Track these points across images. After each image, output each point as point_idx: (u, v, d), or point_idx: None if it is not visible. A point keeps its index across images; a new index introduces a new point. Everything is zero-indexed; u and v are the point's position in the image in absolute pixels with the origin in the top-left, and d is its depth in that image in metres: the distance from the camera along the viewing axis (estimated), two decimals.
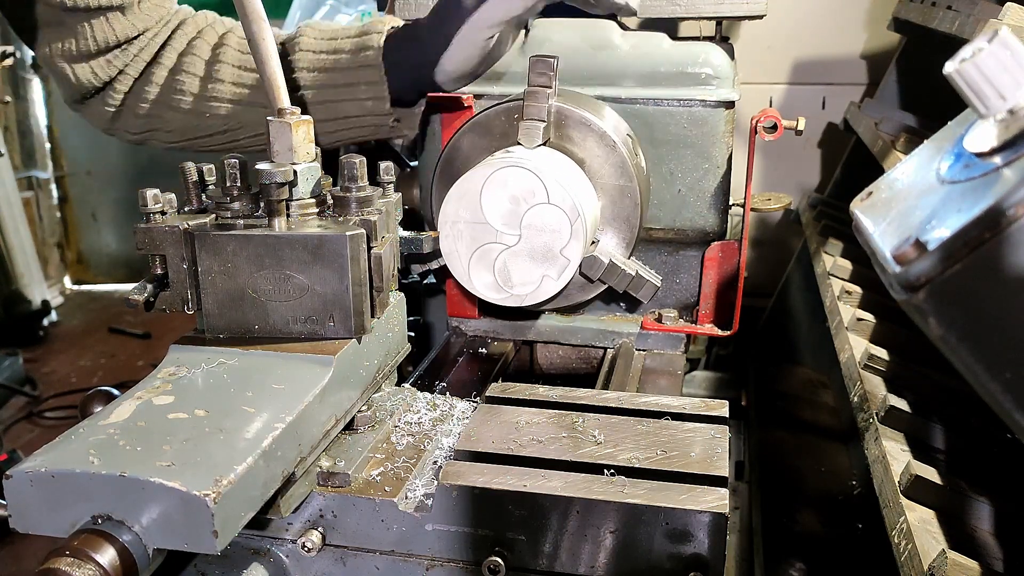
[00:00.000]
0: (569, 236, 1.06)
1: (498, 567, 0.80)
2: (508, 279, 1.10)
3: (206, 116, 1.30)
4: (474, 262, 1.10)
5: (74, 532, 0.64)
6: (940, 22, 1.45)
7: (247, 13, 0.96)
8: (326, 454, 0.86)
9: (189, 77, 1.29)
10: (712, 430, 0.90)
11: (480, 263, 1.10)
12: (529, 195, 1.06)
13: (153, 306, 0.88)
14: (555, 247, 1.07)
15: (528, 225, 1.07)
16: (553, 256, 1.08)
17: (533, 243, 1.08)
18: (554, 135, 1.17)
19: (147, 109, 1.31)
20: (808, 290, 1.85)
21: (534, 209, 1.06)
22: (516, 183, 1.05)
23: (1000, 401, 0.51)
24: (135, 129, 1.35)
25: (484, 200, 1.07)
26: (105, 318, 4.70)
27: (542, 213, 1.06)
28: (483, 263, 1.10)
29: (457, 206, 1.08)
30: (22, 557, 2.65)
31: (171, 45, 1.31)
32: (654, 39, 1.25)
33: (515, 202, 1.06)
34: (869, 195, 0.65)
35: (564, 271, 1.08)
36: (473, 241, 1.09)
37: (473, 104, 1.26)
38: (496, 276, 1.10)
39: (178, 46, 1.31)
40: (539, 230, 1.07)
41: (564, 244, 1.07)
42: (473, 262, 1.10)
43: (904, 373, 1.17)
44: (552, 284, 1.09)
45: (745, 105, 1.33)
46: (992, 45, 0.50)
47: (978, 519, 0.90)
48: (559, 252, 1.07)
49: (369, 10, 2.97)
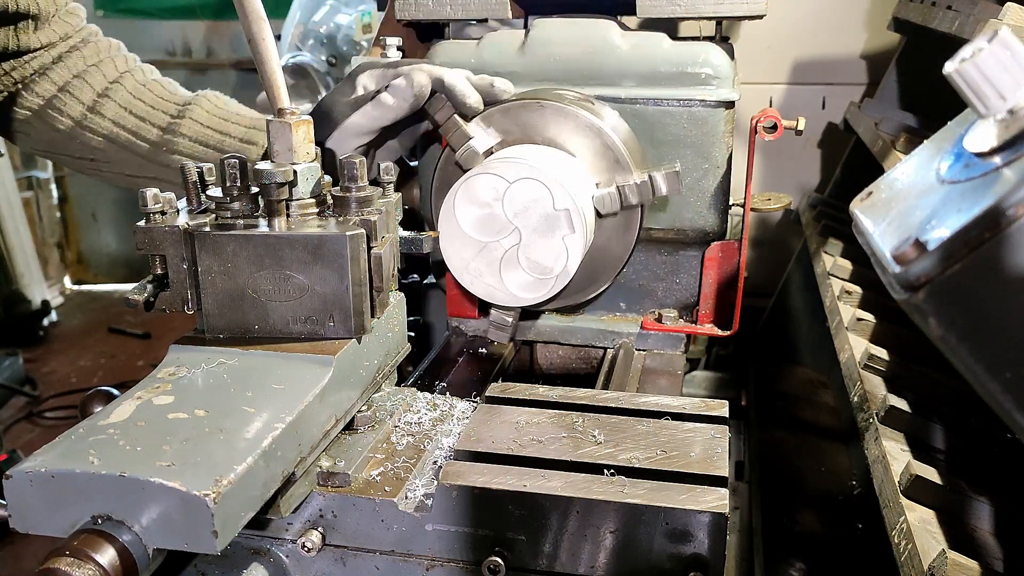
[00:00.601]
0: (562, 195, 1.07)
1: (498, 567, 0.80)
2: (538, 265, 1.10)
3: (76, 141, 1.32)
4: (505, 270, 1.10)
5: (74, 532, 0.64)
6: (940, 22, 1.45)
7: (247, 13, 0.95)
8: (326, 454, 0.86)
9: (73, 101, 1.30)
10: (712, 430, 0.90)
11: (508, 268, 1.10)
12: (499, 187, 1.07)
13: (153, 306, 0.88)
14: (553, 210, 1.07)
15: (519, 212, 1.07)
16: (556, 219, 1.07)
17: (534, 224, 1.08)
18: (553, 133, 1.17)
19: (23, 115, 1.32)
20: (808, 290, 1.85)
21: (516, 193, 1.07)
22: (481, 188, 1.07)
23: (1000, 401, 0.51)
24: (2, 129, 1.36)
25: (466, 222, 1.09)
26: (105, 318, 4.71)
27: (525, 192, 1.06)
28: (510, 266, 1.10)
29: (461, 248, 1.10)
30: (22, 557, 2.65)
31: (64, 63, 1.31)
32: (654, 39, 1.25)
33: (490, 205, 1.08)
34: (869, 195, 0.65)
35: (574, 220, 1.07)
36: (490, 258, 1.10)
37: None
38: (527, 270, 1.10)
39: (72, 67, 1.32)
40: (530, 205, 1.07)
41: (559, 203, 1.07)
42: (504, 271, 1.10)
43: (904, 373, 1.17)
44: (574, 240, 1.08)
45: (745, 105, 1.33)
46: (992, 45, 0.50)
47: (978, 519, 0.90)
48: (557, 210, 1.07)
49: (369, 10, 2.97)
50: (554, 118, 1.16)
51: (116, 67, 1.35)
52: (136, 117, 1.31)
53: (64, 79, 1.31)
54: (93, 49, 1.35)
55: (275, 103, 0.92)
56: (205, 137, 1.29)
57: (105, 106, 1.31)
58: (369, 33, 3.01)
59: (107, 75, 1.33)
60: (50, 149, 1.37)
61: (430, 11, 1.33)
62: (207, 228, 0.84)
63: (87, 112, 1.31)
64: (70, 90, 1.31)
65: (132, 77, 1.35)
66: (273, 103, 0.92)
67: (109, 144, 1.31)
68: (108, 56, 1.36)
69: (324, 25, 3.38)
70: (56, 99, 1.31)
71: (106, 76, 1.33)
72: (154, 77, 1.39)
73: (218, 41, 5.03)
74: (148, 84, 1.36)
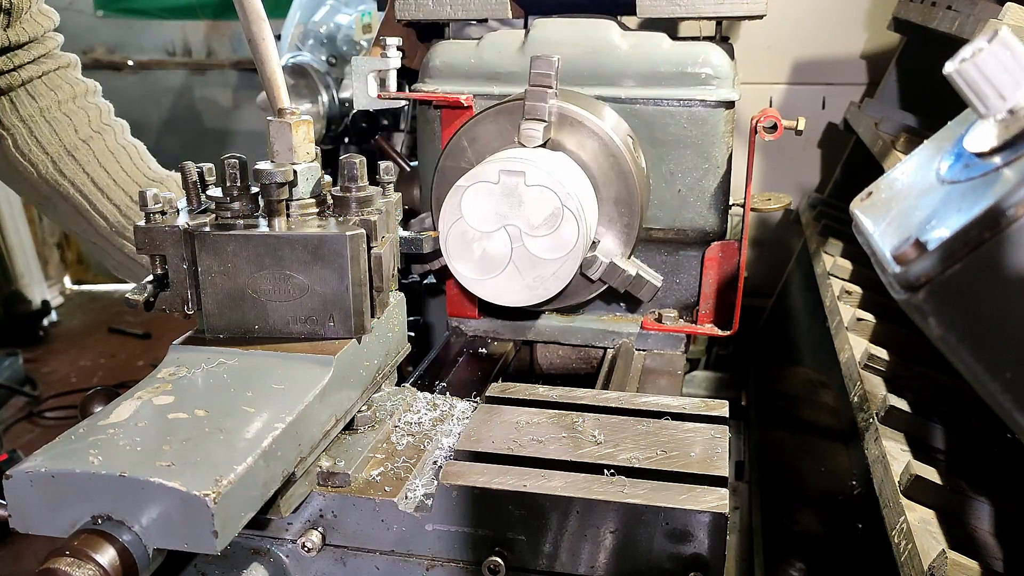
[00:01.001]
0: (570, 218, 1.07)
1: (498, 567, 0.80)
2: (538, 266, 1.09)
3: (27, 180, 1.27)
4: (505, 270, 1.10)
5: (74, 532, 0.64)
6: (940, 22, 1.45)
7: (247, 13, 0.95)
8: (326, 454, 0.86)
9: (35, 146, 1.25)
10: (712, 430, 0.90)
11: (509, 268, 1.10)
12: (502, 188, 1.07)
13: (153, 306, 0.88)
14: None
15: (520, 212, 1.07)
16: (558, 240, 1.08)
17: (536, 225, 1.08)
18: (553, 135, 1.17)
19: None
20: (808, 290, 1.85)
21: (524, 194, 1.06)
22: (484, 190, 1.07)
23: (1000, 401, 0.51)
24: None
25: (467, 221, 1.08)
26: (105, 318, 4.70)
27: (532, 194, 1.06)
28: (510, 266, 1.10)
29: (466, 268, 1.10)
30: (22, 557, 2.65)
31: (36, 92, 1.26)
32: (654, 39, 1.25)
33: (491, 207, 1.08)
34: (869, 195, 0.65)
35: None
36: (490, 259, 1.10)
37: (473, 104, 1.26)
38: (527, 270, 1.10)
39: (42, 102, 1.26)
40: (533, 207, 1.07)
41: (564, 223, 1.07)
42: (504, 271, 1.10)
43: (904, 373, 1.17)
44: (574, 240, 1.08)
45: (745, 105, 1.33)
46: (992, 45, 0.50)
47: (978, 519, 0.90)
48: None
49: (369, 10, 2.97)
50: (595, 141, 1.17)
51: (89, 121, 1.29)
52: (97, 188, 1.26)
53: (28, 113, 1.25)
54: (68, 91, 1.29)
55: (275, 103, 0.92)
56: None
57: (68, 166, 1.25)
58: (369, 33, 3.01)
59: (78, 126, 1.27)
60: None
61: (430, 11, 1.33)
62: (207, 228, 0.84)
63: (49, 163, 1.25)
64: (31, 126, 1.25)
65: (102, 139, 1.28)
66: (273, 103, 0.92)
67: (63, 202, 1.26)
68: (82, 106, 1.29)
69: (324, 25, 3.38)
70: (15, 128, 1.25)
71: (77, 128, 1.27)
72: (126, 138, 1.33)
73: (218, 41, 5.03)
74: (116, 151, 1.29)
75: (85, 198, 1.27)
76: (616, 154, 1.17)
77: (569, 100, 1.18)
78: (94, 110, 1.32)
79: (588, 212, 1.10)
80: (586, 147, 1.17)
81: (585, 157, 1.17)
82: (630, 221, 1.19)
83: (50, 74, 1.29)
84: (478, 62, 1.29)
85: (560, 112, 1.16)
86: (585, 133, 1.16)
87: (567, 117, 1.16)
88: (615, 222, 1.20)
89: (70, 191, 1.26)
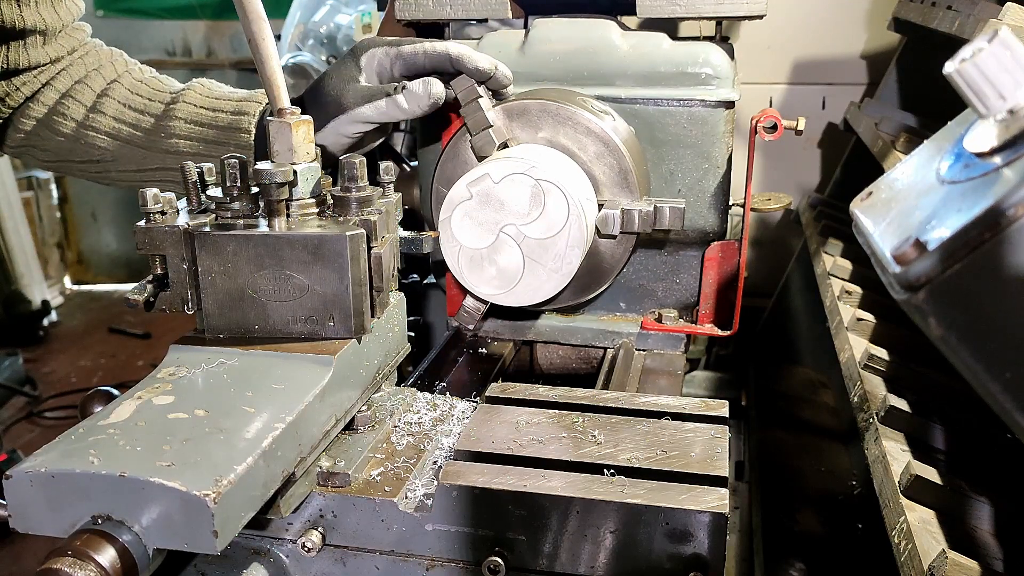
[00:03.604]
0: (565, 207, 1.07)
1: (498, 567, 0.80)
2: (537, 266, 1.10)
3: (81, 143, 1.34)
4: (505, 270, 1.11)
5: (74, 532, 0.64)
6: (940, 22, 1.45)
7: (247, 13, 0.95)
8: (326, 454, 0.86)
9: (75, 104, 1.34)
10: (712, 430, 0.90)
11: (508, 269, 1.11)
12: (503, 187, 1.06)
13: (153, 306, 0.88)
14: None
15: (521, 212, 1.07)
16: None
17: (535, 224, 1.08)
18: (516, 134, 1.18)
19: (29, 126, 1.35)
20: (808, 290, 1.85)
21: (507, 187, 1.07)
22: (484, 187, 1.07)
23: (1000, 401, 0.51)
24: (13, 143, 1.39)
25: (468, 221, 1.08)
26: (105, 318, 4.71)
27: (528, 193, 1.07)
28: (510, 266, 1.11)
29: (461, 247, 1.10)
30: (22, 557, 2.65)
31: (68, 72, 1.35)
32: (654, 39, 1.25)
33: (491, 205, 1.08)
34: (869, 195, 0.65)
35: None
36: (490, 259, 1.10)
37: None
38: (527, 270, 1.11)
39: (74, 74, 1.35)
40: (532, 206, 1.07)
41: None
42: (504, 271, 1.11)
43: (904, 373, 1.17)
44: (575, 241, 1.08)
45: (745, 105, 1.33)
46: (992, 45, 0.50)
47: (978, 519, 0.90)
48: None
49: (369, 10, 2.97)
50: (568, 124, 1.17)
51: (115, 69, 1.39)
52: (134, 111, 1.34)
53: (66, 86, 1.35)
54: (94, 56, 1.39)
55: (275, 103, 0.92)
56: (199, 116, 1.30)
57: (105, 104, 1.33)
58: (369, 33, 3.02)
59: (106, 76, 1.37)
60: (58, 159, 1.39)
61: (430, 11, 1.33)
62: (207, 228, 0.84)
63: (88, 113, 1.34)
64: (72, 95, 1.34)
65: (130, 76, 1.38)
66: (273, 103, 0.92)
67: (111, 141, 1.33)
68: (109, 61, 1.39)
69: (324, 25, 3.38)
70: (60, 104, 1.34)
71: (105, 78, 1.37)
72: (151, 74, 1.42)
73: (218, 41, 5.04)
74: (145, 80, 1.39)
75: (126, 124, 1.33)
76: (580, 120, 1.17)
77: (531, 97, 1.19)
78: (120, 62, 1.41)
79: (569, 178, 1.10)
80: (557, 130, 1.18)
81: (561, 139, 1.18)
82: (620, 166, 1.18)
83: (81, 56, 1.38)
84: None
85: (506, 112, 1.18)
86: (549, 118, 1.18)
87: (522, 115, 1.18)
88: (609, 178, 1.19)
89: (113, 126, 1.33)
